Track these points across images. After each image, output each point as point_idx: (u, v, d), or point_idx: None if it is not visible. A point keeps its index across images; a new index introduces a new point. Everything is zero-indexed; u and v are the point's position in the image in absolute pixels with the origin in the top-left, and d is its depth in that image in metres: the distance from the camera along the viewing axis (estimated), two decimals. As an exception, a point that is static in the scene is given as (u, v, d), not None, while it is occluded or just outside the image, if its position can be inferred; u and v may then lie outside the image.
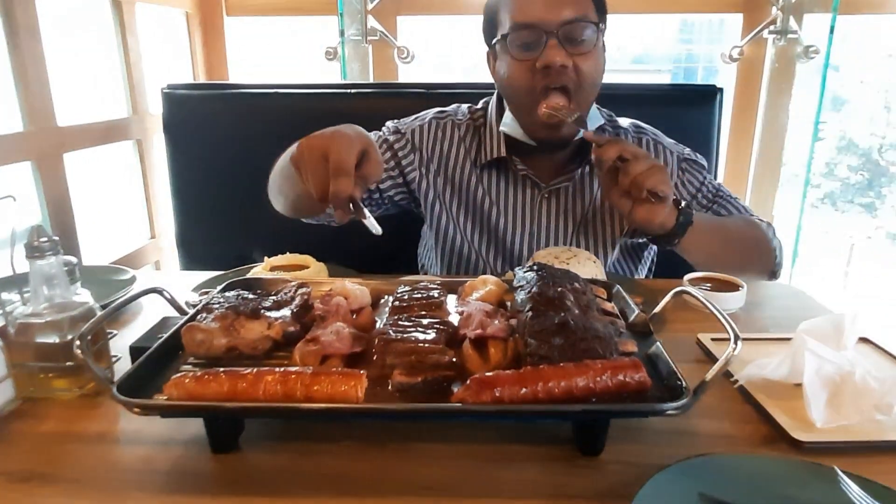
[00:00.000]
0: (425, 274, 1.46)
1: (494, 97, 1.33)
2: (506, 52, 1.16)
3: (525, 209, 1.30)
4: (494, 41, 1.20)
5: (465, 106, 1.38)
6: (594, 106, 1.26)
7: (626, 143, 1.10)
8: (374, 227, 0.82)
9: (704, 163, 1.34)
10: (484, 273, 1.31)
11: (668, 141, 1.35)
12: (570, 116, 1.12)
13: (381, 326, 0.77)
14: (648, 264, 1.44)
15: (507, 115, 1.25)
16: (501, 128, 1.27)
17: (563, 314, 0.72)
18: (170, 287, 0.86)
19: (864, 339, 0.93)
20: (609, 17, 1.20)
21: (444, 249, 1.37)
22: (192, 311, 0.81)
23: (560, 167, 1.30)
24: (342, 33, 2.14)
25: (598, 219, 1.30)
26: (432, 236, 1.38)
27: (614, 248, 1.31)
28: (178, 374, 0.65)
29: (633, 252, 1.38)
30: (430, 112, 1.38)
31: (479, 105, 1.37)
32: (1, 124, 1.42)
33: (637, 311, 0.83)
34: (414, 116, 1.38)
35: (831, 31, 1.98)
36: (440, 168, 1.33)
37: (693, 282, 1.13)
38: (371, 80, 2.24)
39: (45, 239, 0.77)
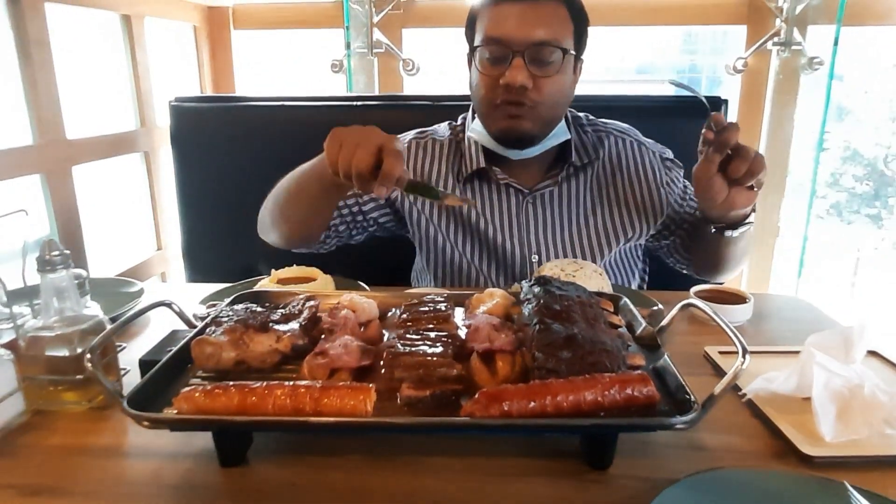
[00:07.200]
0: None
1: (471, 109, 1.34)
2: (476, 62, 1.19)
3: (511, 217, 1.30)
4: (469, 50, 1.22)
5: (445, 123, 1.40)
6: (563, 123, 1.26)
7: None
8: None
9: (681, 164, 1.37)
10: (482, 284, 1.32)
11: (649, 141, 1.38)
12: None
13: (389, 340, 0.77)
14: (640, 271, 1.45)
15: (476, 122, 1.27)
16: (469, 133, 1.29)
17: (570, 327, 0.72)
18: (177, 299, 0.86)
19: (872, 353, 0.92)
20: (613, 28, 1.20)
21: (437, 265, 1.37)
22: (200, 324, 0.81)
23: (542, 172, 1.31)
24: (348, 46, 2.15)
25: (587, 221, 1.30)
26: (424, 256, 1.38)
27: (608, 251, 1.30)
28: (188, 388, 0.65)
29: (629, 257, 1.39)
30: (411, 133, 1.39)
31: (458, 121, 1.39)
32: (11, 137, 1.44)
33: (644, 324, 0.83)
34: None
35: (835, 43, 1.99)
36: None
37: (699, 294, 1.13)
38: (377, 93, 2.25)
39: (56, 253, 0.77)
